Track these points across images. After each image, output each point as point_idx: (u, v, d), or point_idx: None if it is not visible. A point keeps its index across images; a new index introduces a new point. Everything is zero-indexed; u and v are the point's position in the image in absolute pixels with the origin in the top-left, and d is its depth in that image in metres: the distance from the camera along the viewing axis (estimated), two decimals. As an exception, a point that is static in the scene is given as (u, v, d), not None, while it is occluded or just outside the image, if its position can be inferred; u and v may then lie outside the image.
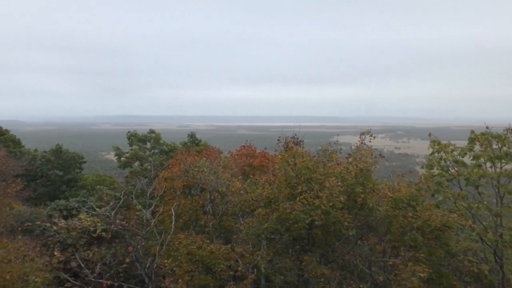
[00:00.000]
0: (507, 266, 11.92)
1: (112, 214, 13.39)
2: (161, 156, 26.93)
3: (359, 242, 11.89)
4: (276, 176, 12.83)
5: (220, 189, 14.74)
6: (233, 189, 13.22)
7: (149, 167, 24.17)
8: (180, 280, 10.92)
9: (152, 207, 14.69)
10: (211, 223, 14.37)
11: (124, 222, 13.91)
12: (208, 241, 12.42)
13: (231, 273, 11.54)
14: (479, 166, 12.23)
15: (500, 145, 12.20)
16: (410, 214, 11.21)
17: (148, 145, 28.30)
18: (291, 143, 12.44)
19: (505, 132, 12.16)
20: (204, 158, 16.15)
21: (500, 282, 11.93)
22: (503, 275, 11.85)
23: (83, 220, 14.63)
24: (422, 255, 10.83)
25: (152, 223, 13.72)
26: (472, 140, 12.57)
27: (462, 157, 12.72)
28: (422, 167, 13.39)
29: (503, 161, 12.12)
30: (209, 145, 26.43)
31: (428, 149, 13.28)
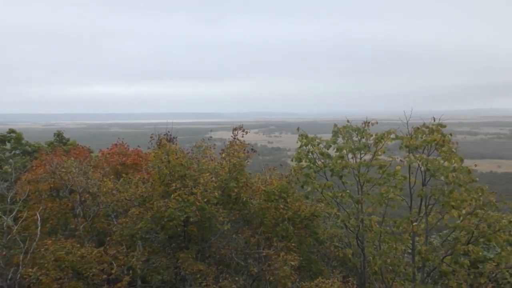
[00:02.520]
0: (368, 248, 12.98)
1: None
2: (23, 157, 24.89)
3: (234, 236, 12.11)
4: (150, 174, 12.60)
5: (91, 190, 14.03)
6: (104, 189, 12.68)
7: (9, 170, 22.20)
8: (48, 289, 10.23)
9: (14, 212, 13.53)
10: (82, 226, 13.64)
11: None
12: (78, 245, 11.78)
13: (105, 276, 11.07)
14: (342, 157, 13.11)
15: (359, 137, 13.21)
16: (281, 205, 11.71)
17: (8, 145, 25.97)
18: (164, 140, 12.29)
19: (364, 125, 13.20)
20: (73, 158, 15.25)
21: (362, 263, 12.98)
22: (364, 257, 12.89)
23: None
24: (293, 244, 11.37)
25: (15, 230, 12.64)
26: (335, 133, 13.44)
27: (328, 150, 13.51)
28: (292, 160, 14.00)
29: (362, 152, 13.16)
30: (78, 144, 25.02)
31: (297, 142, 13.92)
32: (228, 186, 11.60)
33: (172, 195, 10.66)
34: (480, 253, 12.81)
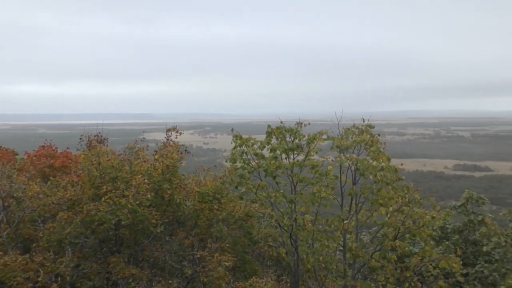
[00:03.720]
0: (301, 247, 13.21)
1: None
2: None
3: (168, 238, 11.95)
4: (80, 176, 12.19)
5: (15, 194, 13.34)
6: (30, 193, 12.10)
7: None
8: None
9: None
10: (5, 232, 12.93)
11: None
12: (1, 253, 11.16)
13: (30, 285, 10.56)
14: (276, 158, 13.26)
15: (292, 138, 13.42)
16: (215, 206, 11.71)
17: None
18: (95, 142, 11.93)
19: (296, 126, 13.43)
20: (-5, 161, 14.45)
21: (295, 262, 13.19)
22: (298, 256, 13.12)
23: None
24: (227, 245, 11.39)
25: None
26: (269, 134, 13.56)
27: (262, 150, 13.62)
28: (227, 161, 14.01)
29: (295, 152, 13.38)
30: (1, 147, 23.69)
31: (232, 143, 13.94)
32: (162, 188, 11.44)
33: (103, 198, 10.37)
34: (406, 248, 13.43)
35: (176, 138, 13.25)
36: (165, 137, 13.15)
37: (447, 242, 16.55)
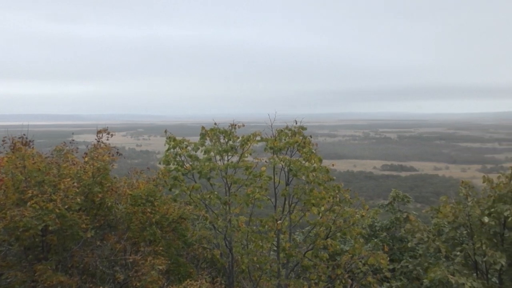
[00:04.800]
0: (236, 248, 13.26)
1: None
2: None
3: (99, 243, 11.59)
4: (2, 180, 11.54)
5: None
6: None
7: None
8: None
9: None
10: None
11: None
12: None
13: None
14: (210, 159, 13.24)
15: (226, 140, 13.47)
16: (148, 209, 11.50)
17: None
18: (19, 144, 11.36)
19: (230, 128, 13.49)
20: None
21: (230, 263, 13.24)
22: (232, 257, 13.17)
23: None
24: (161, 248, 11.24)
25: None
26: (203, 136, 13.53)
27: (196, 152, 13.55)
28: (160, 163, 13.83)
29: (229, 154, 13.43)
30: None
31: (165, 145, 13.77)
32: (92, 191, 11.09)
33: (28, 203, 9.89)
34: (338, 247, 13.84)
35: (108, 140, 12.88)
36: (96, 139, 12.75)
37: (375, 240, 17.24)
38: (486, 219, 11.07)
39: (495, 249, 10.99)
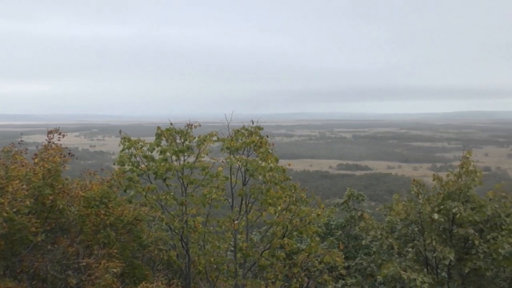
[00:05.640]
0: (192, 249, 13.15)
1: None
2: None
3: (50, 246, 11.24)
4: None
5: None
6: None
7: None
8: None
9: None
10: None
11: None
12: None
13: None
14: (166, 160, 13.05)
15: (183, 140, 13.32)
16: (102, 211, 11.24)
17: None
18: (-36, 145, 10.88)
19: (187, 128, 13.36)
20: None
21: (187, 264, 13.12)
22: (189, 258, 13.06)
23: None
24: (115, 250, 10.99)
25: None
26: (159, 136, 13.32)
27: (151, 152, 13.34)
28: (114, 164, 13.54)
29: (185, 154, 13.29)
30: None
31: (120, 146, 13.49)
32: (42, 194, 10.74)
33: (-26, 207, 9.48)
34: (294, 246, 13.95)
35: (59, 140, 12.51)
36: (47, 140, 12.36)
37: (331, 238, 17.48)
38: (436, 216, 11.39)
39: (444, 245, 11.33)
